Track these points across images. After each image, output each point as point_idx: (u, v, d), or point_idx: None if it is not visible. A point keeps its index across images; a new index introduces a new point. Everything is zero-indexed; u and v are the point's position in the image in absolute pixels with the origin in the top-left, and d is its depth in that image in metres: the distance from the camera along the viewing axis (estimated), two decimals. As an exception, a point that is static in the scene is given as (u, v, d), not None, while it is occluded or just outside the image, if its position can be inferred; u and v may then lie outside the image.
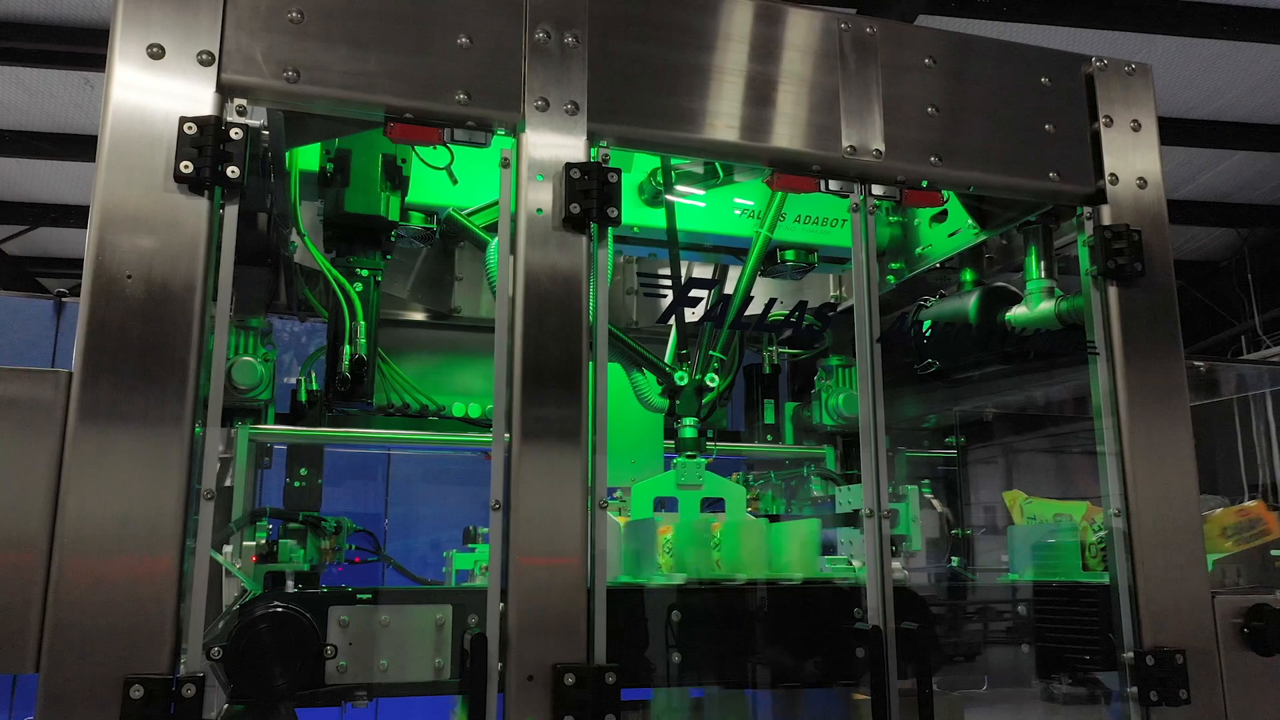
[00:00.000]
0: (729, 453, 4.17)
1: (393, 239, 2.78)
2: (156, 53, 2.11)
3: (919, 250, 3.46)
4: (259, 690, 1.91)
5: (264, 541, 2.95)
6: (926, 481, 4.06)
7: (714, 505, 3.46)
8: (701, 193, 3.23)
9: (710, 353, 3.23)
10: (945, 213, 3.32)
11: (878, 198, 2.60)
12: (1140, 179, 2.80)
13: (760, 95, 2.53)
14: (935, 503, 4.07)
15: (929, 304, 3.31)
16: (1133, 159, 2.81)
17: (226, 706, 2.01)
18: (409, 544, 5.32)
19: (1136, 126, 2.83)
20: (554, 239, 2.27)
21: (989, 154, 2.71)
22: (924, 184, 2.66)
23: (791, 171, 2.56)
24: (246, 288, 3.45)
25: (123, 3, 2.11)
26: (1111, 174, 2.77)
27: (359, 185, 2.67)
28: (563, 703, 2.06)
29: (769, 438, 4.22)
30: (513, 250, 2.26)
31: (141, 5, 2.12)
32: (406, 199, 2.93)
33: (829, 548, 3.98)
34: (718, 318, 2.86)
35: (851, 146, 2.57)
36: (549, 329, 2.23)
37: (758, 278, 3.67)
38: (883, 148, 2.60)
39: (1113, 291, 2.70)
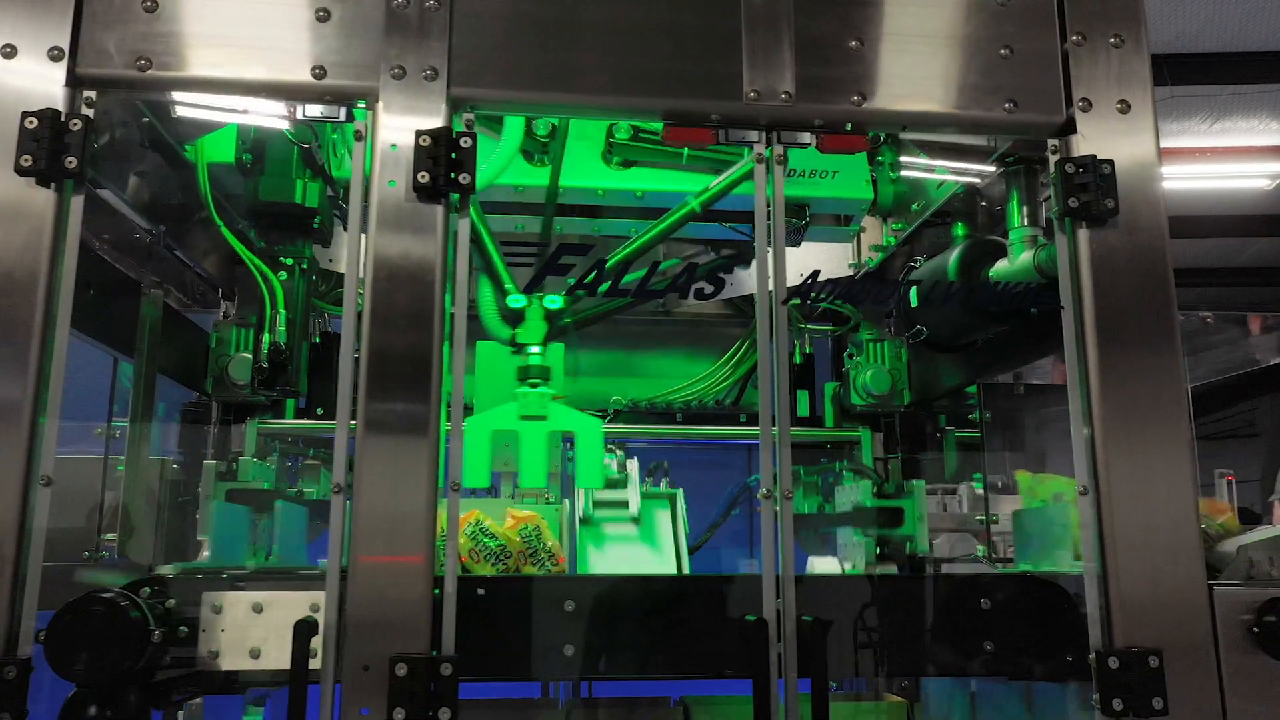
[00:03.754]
0: (752, 437, 3.94)
1: (315, 225, 2.76)
2: (9, 52, 2.15)
3: (915, 206, 3.13)
4: (69, 677, 1.91)
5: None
6: (978, 476, 3.71)
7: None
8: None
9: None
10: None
11: (789, 145, 2.35)
12: (1122, 103, 2.40)
13: (648, 45, 2.34)
14: (962, 497, 3.71)
15: (918, 264, 2.98)
16: (1112, 81, 2.41)
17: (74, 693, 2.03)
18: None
19: (1118, 42, 2.43)
20: (406, 212, 2.17)
21: (926, 87, 2.40)
22: (847, 127, 2.38)
23: (687, 124, 2.35)
24: (247, 286, 3.55)
25: (-22, 8, 2.18)
26: (1083, 99, 2.39)
27: (272, 173, 2.67)
28: (396, 694, 1.96)
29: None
30: (364, 228, 2.18)
31: (-5, 9, 2.18)
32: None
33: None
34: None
35: (755, 92, 2.33)
36: (398, 308, 2.13)
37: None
38: (793, 90, 2.34)
39: (1082, 235, 2.33)
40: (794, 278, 2.95)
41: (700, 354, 3.96)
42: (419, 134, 2.17)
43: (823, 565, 3.44)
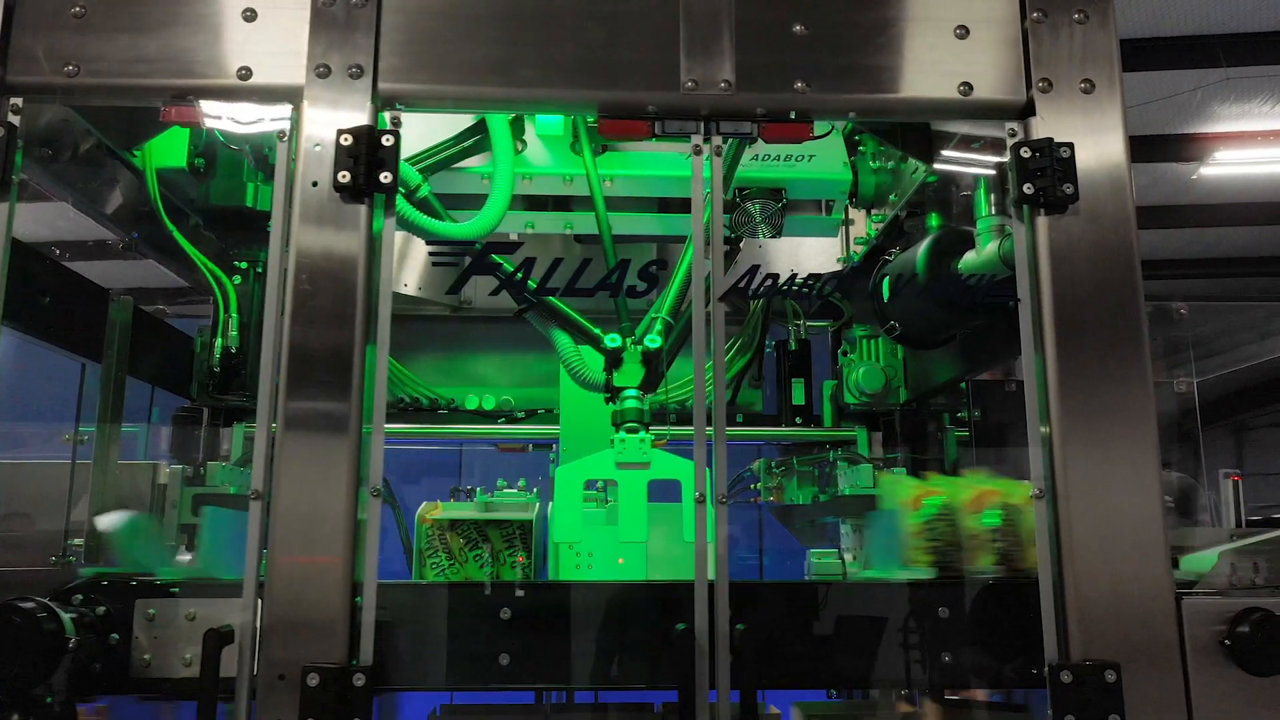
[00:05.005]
0: (744, 438, 3.85)
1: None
2: (-63, 63, 2.17)
3: (892, 197, 3.01)
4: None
5: None
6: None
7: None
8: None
9: (655, 315, 2.80)
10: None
11: (727, 135, 2.26)
12: (1086, 83, 2.26)
13: (581, 35, 2.27)
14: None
15: (892, 258, 2.86)
16: (1076, 59, 2.28)
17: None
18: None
19: (1082, 18, 2.30)
20: (329, 212, 2.13)
21: (875, 71, 2.29)
22: (792, 115, 2.28)
23: (623, 116, 2.27)
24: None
25: (-94, 21, 2.19)
26: (1043, 80, 2.26)
27: (224, 176, 2.66)
28: (307, 705, 1.92)
29: (798, 420, 3.85)
30: (287, 227, 2.15)
31: (-77, 20, 2.19)
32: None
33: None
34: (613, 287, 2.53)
35: (694, 81, 2.25)
36: (319, 308, 2.10)
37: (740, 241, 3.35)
38: (733, 78, 2.25)
39: (1040, 223, 2.20)
40: (784, 270, 2.87)
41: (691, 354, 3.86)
42: (340, 132, 2.13)
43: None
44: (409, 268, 3.82)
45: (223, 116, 2.20)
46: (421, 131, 2.90)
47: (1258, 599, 2.10)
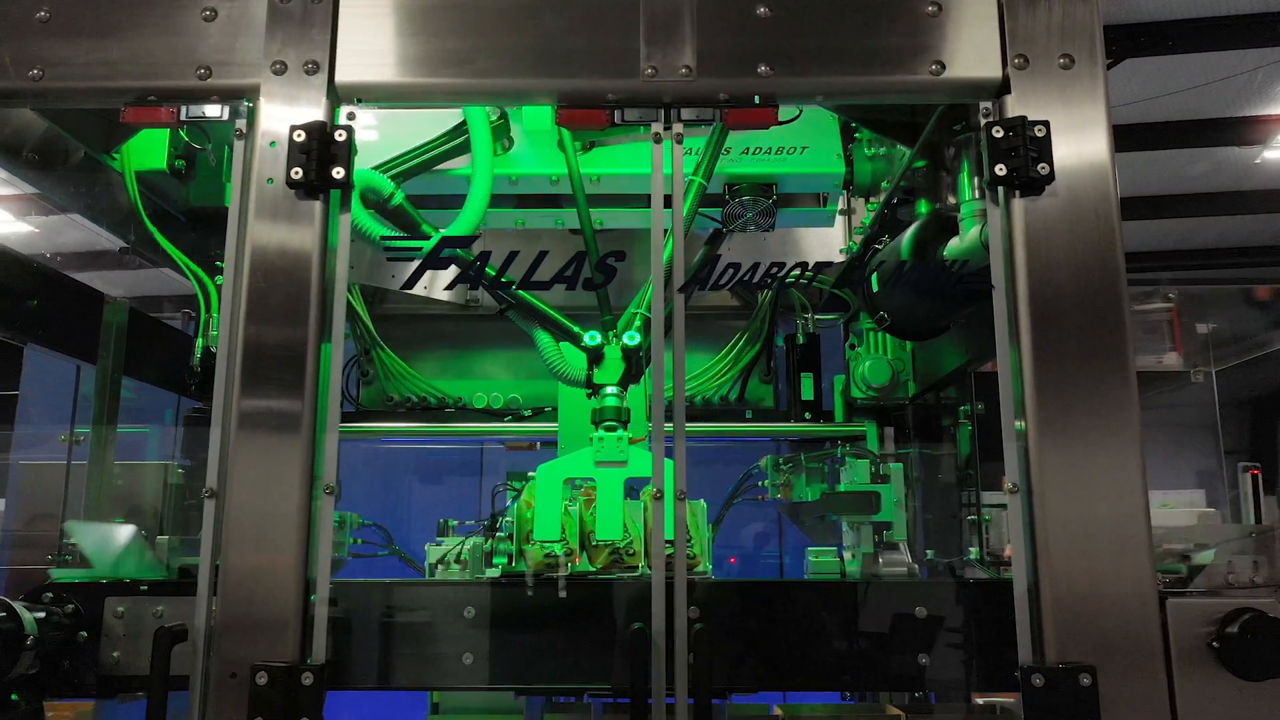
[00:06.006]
0: (748, 433, 3.77)
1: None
2: (-93, 70, 2.21)
3: (885, 184, 2.91)
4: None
5: None
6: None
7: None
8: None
9: (635, 311, 2.74)
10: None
11: (689, 122, 2.20)
12: (1065, 58, 2.16)
13: (538, 23, 2.23)
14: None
15: (882, 246, 2.77)
16: (1054, 34, 2.18)
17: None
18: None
19: (1062, -11, 2.19)
20: (283, 209, 2.12)
21: (842, 52, 2.21)
22: (756, 100, 2.22)
23: (583, 105, 2.23)
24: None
25: (-122, 31, 2.24)
26: (1019, 56, 2.16)
27: (203, 177, 2.67)
28: (256, 703, 1.91)
29: (807, 415, 3.76)
30: (243, 225, 2.15)
31: (-105, 29, 2.24)
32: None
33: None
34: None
35: (653, 68, 2.19)
36: (274, 306, 2.09)
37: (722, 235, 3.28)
38: (694, 64, 2.19)
39: (1016, 206, 2.10)
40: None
41: (697, 348, 3.81)
42: (293, 129, 2.12)
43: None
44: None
45: (185, 116, 2.19)
46: (409, 133, 2.89)
47: (1249, 599, 1.98)
